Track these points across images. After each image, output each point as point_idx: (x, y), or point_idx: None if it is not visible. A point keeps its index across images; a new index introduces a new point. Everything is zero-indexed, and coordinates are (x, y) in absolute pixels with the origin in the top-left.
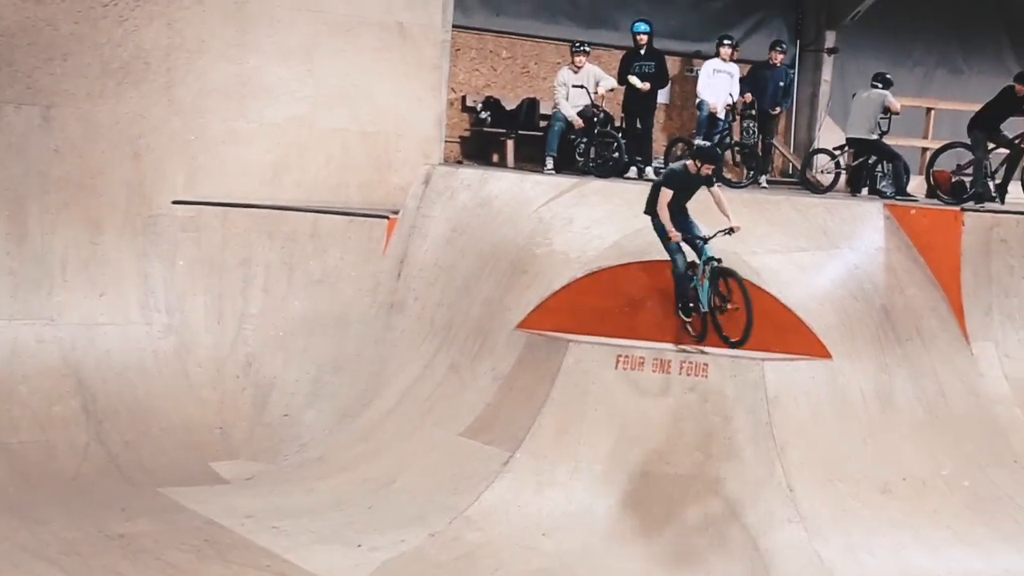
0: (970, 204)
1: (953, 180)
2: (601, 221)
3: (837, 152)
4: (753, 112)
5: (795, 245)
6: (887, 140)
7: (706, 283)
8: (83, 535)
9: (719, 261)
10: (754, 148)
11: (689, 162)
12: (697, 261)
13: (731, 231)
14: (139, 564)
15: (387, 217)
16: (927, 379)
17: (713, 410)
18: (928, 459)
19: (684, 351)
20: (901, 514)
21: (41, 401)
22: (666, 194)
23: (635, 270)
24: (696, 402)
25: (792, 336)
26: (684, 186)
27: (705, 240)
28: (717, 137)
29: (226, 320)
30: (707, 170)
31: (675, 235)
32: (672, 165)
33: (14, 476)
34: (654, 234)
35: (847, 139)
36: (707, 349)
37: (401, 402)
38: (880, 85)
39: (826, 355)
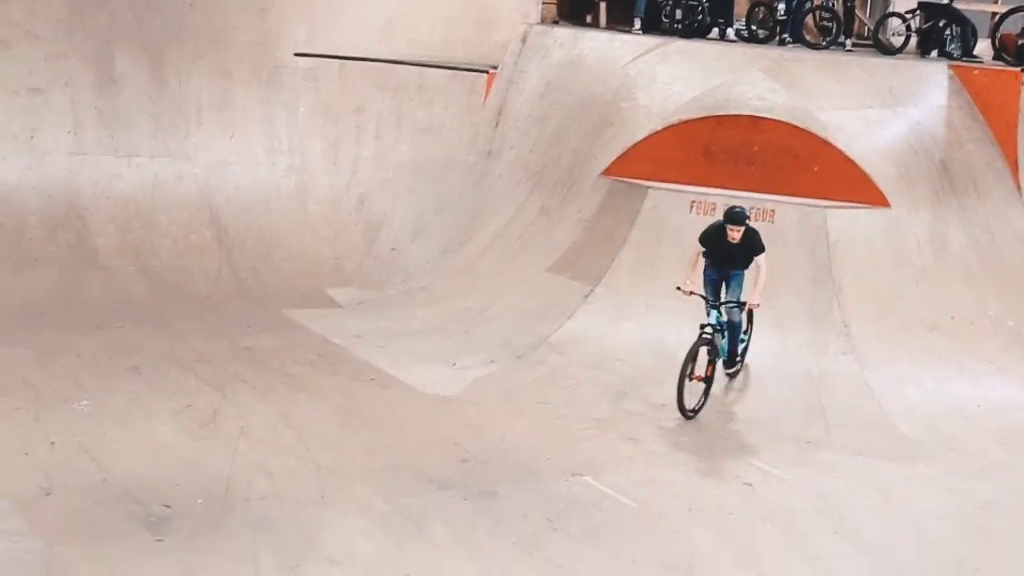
0: None
1: (1019, 42)
2: (682, 78)
3: (909, 16)
4: None
5: (862, 103)
6: (957, 4)
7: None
8: (214, 347)
9: (710, 333)
10: (835, 11)
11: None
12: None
13: (742, 305)
14: (262, 373)
15: (487, 72)
16: (979, 229)
17: (778, 252)
18: (976, 301)
19: (753, 197)
20: (948, 350)
21: (179, 230)
22: (698, 248)
23: (711, 123)
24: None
25: (855, 186)
26: (714, 246)
27: (715, 305)
28: (796, 2)
29: (341, 162)
30: (733, 233)
31: (685, 285)
32: (712, 224)
33: (155, 295)
34: (730, 91)
35: (919, 3)
36: (775, 197)
37: (496, 240)
38: None
39: (885, 204)
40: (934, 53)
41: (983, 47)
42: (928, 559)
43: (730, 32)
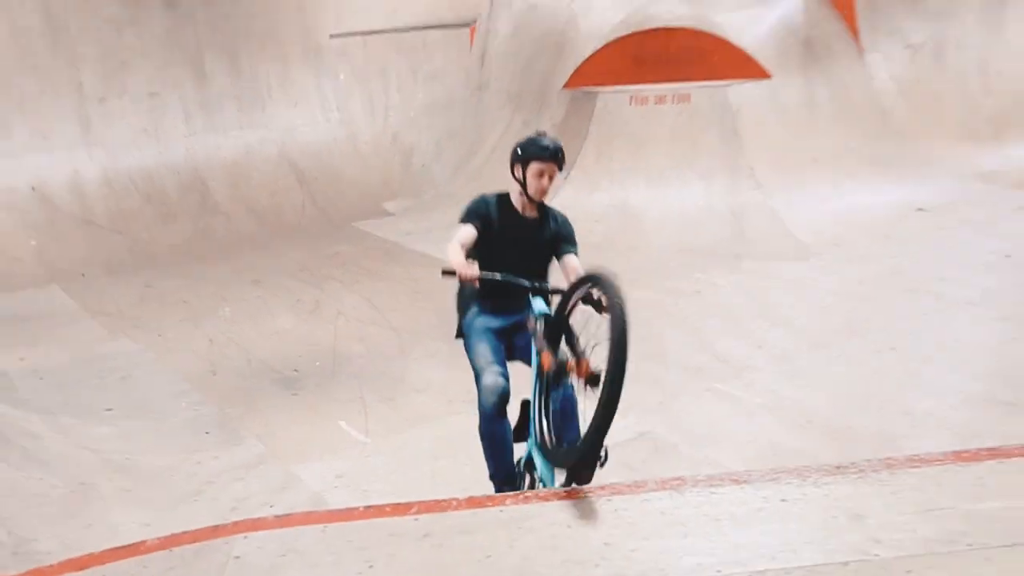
0: None
1: None
2: (611, 7)
3: None
4: None
5: (743, 4)
6: None
7: None
8: (309, 257)
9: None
10: None
11: None
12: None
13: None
14: (347, 271)
15: (470, 26)
16: (836, 85)
17: (697, 123)
18: (841, 138)
19: (673, 87)
20: (825, 176)
21: (269, 179)
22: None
23: (637, 37)
24: (685, 120)
25: (745, 66)
26: (495, 230)
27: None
28: None
29: (376, 111)
30: (542, 182)
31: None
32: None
33: (262, 228)
34: (647, 10)
35: None
36: (689, 83)
37: (494, 150)
38: None
39: (768, 76)
40: None
41: None
42: (825, 322)
43: None
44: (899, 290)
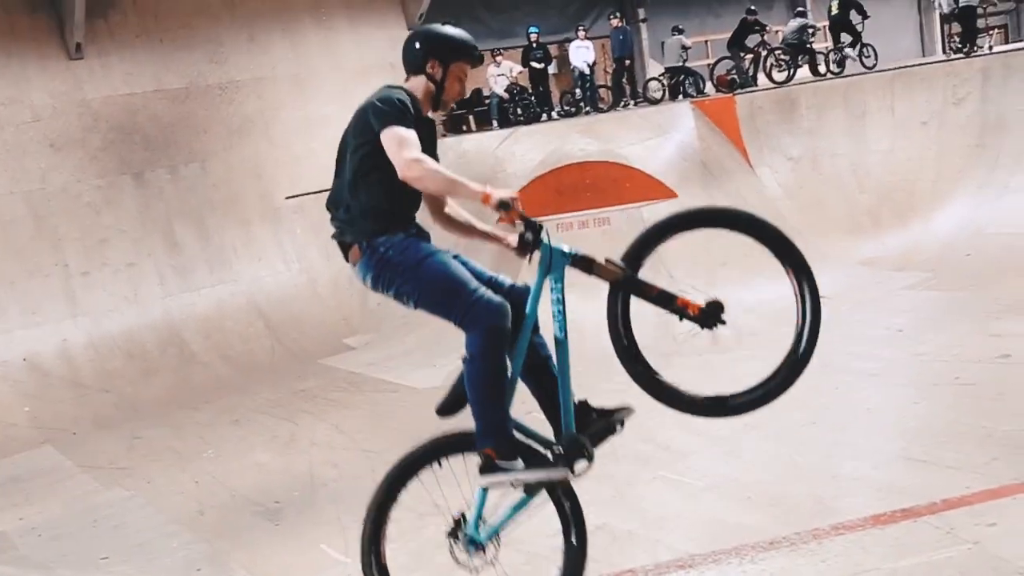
0: (738, 91)
1: (727, 79)
2: (531, 149)
3: (661, 77)
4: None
5: (644, 137)
6: (689, 64)
7: None
8: (281, 394)
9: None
10: (620, 83)
11: None
12: None
13: None
14: (316, 404)
15: None
16: (733, 196)
17: (618, 241)
18: (741, 244)
19: (594, 213)
20: (734, 275)
21: (240, 327)
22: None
23: (556, 172)
24: (606, 240)
25: (654, 189)
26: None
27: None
28: (589, 85)
29: (332, 255)
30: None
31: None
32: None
33: (236, 373)
34: (563, 150)
35: (665, 68)
36: (607, 209)
37: None
38: (677, 32)
39: (675, 195)
40: (680, 98)
41: (710, 86)
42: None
43: (553, 114)
44: (813, 369)
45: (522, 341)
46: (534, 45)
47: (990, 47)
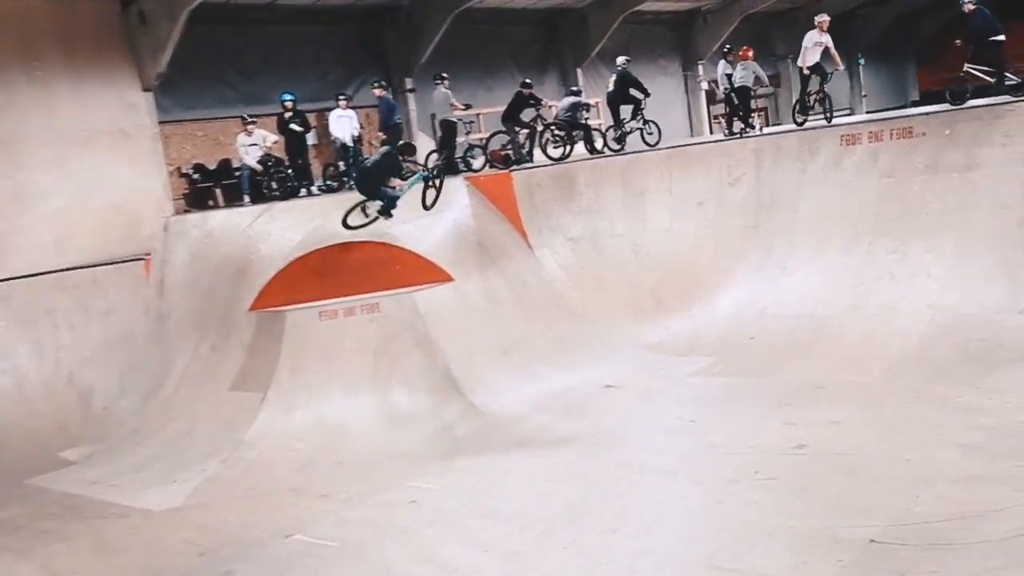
0: (515, 167)
1: (502, 154)
2: (289, 228)
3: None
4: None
5: (415, 216)
6: (465, 135)
7: None
8: None
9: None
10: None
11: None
12: None
13: None
14: (19, 538)
15: (143, 258)
16: (513, 279)
17: (388, 330)
18: (525, 324)
19: (360, 299)
20: (517, 364)
21: None
22: None
23: (317, 254)
24: (376, 328)
25: (427, 273)
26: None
27: None
28: (351, 159)
29: (46, 354)
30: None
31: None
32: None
33: None
34: (325, 228)
35: (436, 143)
36: (376, 294)
37: (184, 379)
38: (439, 80)
39: (450, 279)
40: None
41: (481, 161)
42: (546, 510)
43: (313, 189)
44: (608, 466)
45: None
46: (289, 113)
47: (761, 128)
